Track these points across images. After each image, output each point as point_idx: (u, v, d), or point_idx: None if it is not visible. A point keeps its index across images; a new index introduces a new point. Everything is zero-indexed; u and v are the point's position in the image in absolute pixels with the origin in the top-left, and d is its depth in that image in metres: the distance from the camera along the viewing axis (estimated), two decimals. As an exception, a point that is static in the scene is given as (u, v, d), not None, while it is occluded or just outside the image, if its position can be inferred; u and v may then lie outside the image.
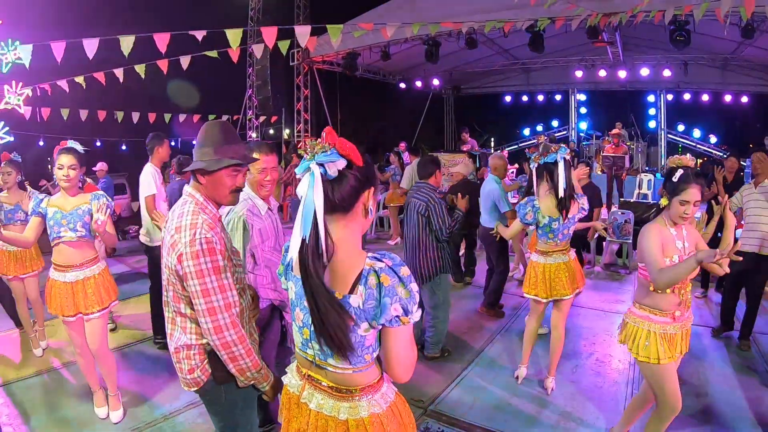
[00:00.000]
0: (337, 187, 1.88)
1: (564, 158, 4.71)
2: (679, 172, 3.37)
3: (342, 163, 1.86)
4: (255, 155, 3.58)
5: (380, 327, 1.90)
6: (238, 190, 2.75)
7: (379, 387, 2.05)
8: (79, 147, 4.39)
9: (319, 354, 1.98)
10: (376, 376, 2.05)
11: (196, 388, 2.68)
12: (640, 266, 3.56)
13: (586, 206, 4.94)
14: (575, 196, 4.85)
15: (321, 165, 1.84)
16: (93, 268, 4.43)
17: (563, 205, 4.71)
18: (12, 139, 10.30)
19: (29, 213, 4.36)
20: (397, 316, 1.85)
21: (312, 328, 1.93)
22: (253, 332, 2.86)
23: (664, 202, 3.47)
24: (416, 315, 1.88)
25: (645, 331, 3.50)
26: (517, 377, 5.18)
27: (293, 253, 1.94)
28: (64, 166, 4.19)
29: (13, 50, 8.17)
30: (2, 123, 9.95)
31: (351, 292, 1.87)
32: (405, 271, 1.88)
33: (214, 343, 2.49)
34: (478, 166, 12.50)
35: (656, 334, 3.46)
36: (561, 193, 4.68)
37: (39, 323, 6.06)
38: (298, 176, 1.91)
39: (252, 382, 2.65)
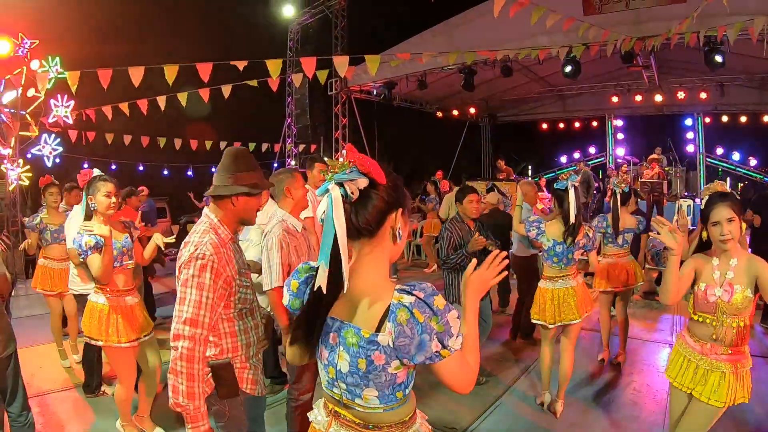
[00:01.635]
0: (360, 209, 1.73)
1: (574, 186, 4.81)
2: (706, 197, 3.30)
3: (363, 182, 1.70)
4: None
5: (415, 365, 1.76)
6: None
7: (412, 423, 1.92)
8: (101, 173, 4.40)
9: (346, 393, 1.84)
10: (409, 413, 1.92)
11: None
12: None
13: (591, 235, 4.98)
14: (583, 223, 4.96)
15: (341, 185, 1.69)
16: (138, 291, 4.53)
17: (570, 232, 4.81)
18: (61, 150, 10.67)
19: (89, 249, 3.97)
20: (437, 352, 1.69)
21: (336, 367, 1.84)
22: (258, 364, 2.96)
23: (705, 235, 3.30)
24: (456, 344, 1.72)
25: (676, 348, 3.47)
26: (541, 403, 5.16)
27: (320, 281, 1.76)
28: (111, 193, 4.15)
29: (55, 66, 8.50)
30: (53, 135, 10.31)
31: (378, 329, 1.71)
32: (439, 301, 1.69)
33: (172, 347, 2.55)
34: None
35: (680, 354, 3.40)
36: (572, 219, 4.78)
37: (72, 338, 6.31)
38: (318, 198, 1.74)
39: (179, 410, 2.50)
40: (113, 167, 16.93)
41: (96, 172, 4.30)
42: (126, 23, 19.15)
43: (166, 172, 18.93)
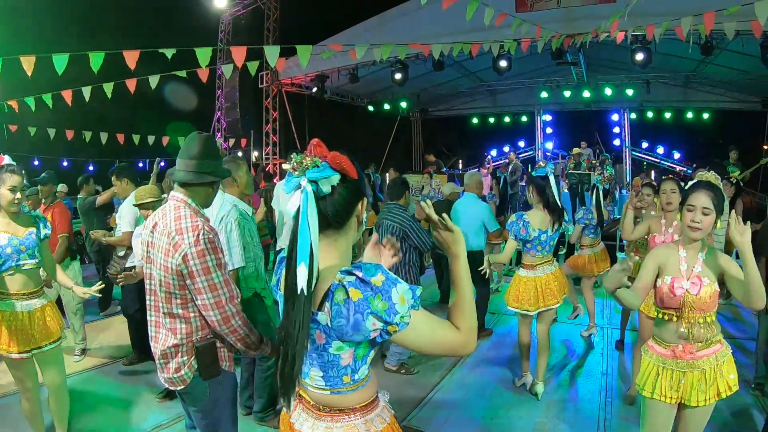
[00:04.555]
0: (332, 203, 1.77)
1: (552, 173, 5.00)
2: (691, 182, 3.16)
3: (336, 178, 1.74)
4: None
5: (361, 343, 1.75)
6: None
7: (365, 411, 1.91)
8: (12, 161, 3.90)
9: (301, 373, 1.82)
10: (362, 401, 1.90)
11: (182, 387, 2.76)
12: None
13: (568, 219, 5.24)
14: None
15: (313, 182, 1.71)
16: (47, 294, 4.06)
17: (557, 218, 4.95)
18: None
19: None
20: (385, 329, 1.69)
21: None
22: None
23: (679, 217, 3.13)
24: (406, 318, 1.68)
25: (647, 359, 3.20)
26: (523, 384, 5.30)
27: (302, 283, 1.69)
28: (16, 188, 3.74)
29: None
30: None
31: (319, 308, 1.72)
32: (378, 279, 1.67)
33: (223, 332, 2.68)
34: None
35: (653, 365, 3.15)
36: (559, 205, 4.96)
37: None
38: (287, 194, 1.77)
39: (258, 352, 2.85)
40: (36, 163, 16.29)
41: (7, 159, 3.86)
42: (50, 11, 18.37)
43: (91, 168, 18.28)
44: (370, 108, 21.08)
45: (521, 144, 23.24)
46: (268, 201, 10.43)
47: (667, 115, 19.51)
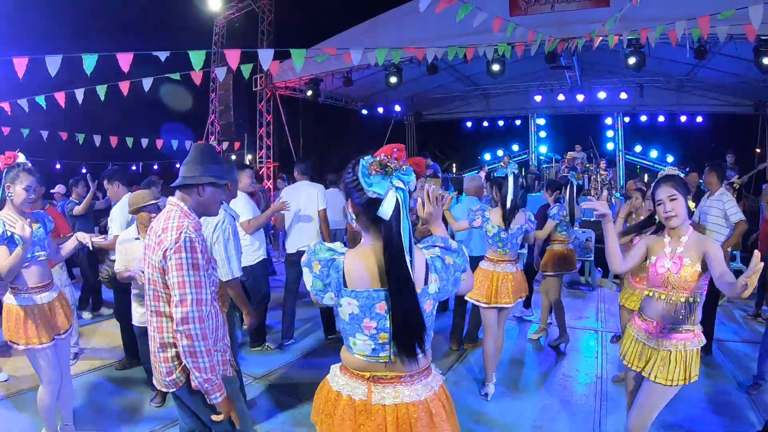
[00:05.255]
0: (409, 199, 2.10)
1: (513, 173, 5.04)
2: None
3: (414, 178, 2.07)
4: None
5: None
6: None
7: (431, 367, 2.29)
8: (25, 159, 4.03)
9: (396, 352, 2.10)
10: (431, 355, 2.28)
11: (175, 389, 2.77)
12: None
13: (533, 220, 5.27)
14: (521, 208, 5.15)
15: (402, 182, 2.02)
16: (58, 283, 4.22)
17: (506, 217, 5.01)
18: None
19: None
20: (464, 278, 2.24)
21: (392, 332, 2.08)
22: (226, 338, 2.98)
23: (657, 218, 3.48)
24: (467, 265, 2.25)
25: (627, 329, 3.58)
26: (486, 395, 5.19)
27: (362, 270, 2.07)
28: (31, 187, 3.82)
29: None
30: None
31: (426, 283, 2.11)
32: (454, 243, 2.22)
33: (179, 333, 2.60)
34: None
35: (630, 334, 3.50)
36: (508, 204, 4.99)
37: None
38: (373, 194, 1.99)
39: (205, 385, 2.65)
40: (29, 165, 16.16)
41: (21, 158, 3.98)
42: (43, 13, 18.27)
43: (84, 170, 18.19)
44: (364, 112, 21.08)
45: (515, 148, 23.22)
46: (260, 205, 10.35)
47: (661, 118, 19.56)
